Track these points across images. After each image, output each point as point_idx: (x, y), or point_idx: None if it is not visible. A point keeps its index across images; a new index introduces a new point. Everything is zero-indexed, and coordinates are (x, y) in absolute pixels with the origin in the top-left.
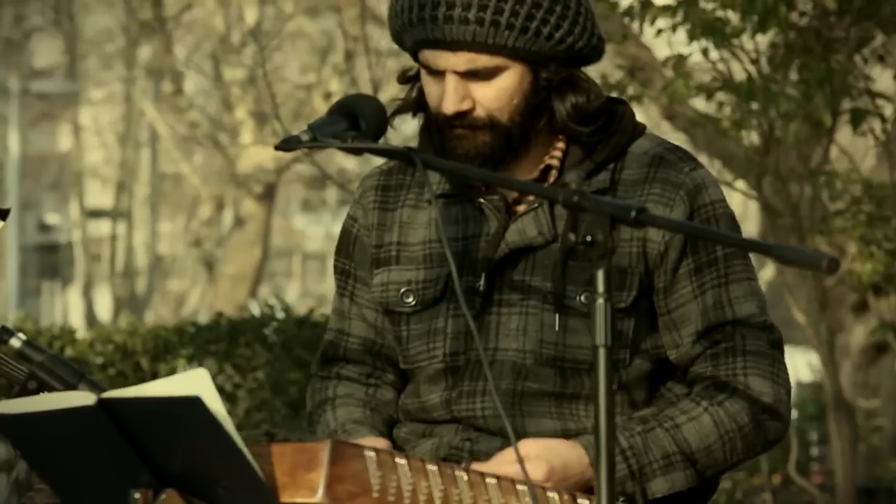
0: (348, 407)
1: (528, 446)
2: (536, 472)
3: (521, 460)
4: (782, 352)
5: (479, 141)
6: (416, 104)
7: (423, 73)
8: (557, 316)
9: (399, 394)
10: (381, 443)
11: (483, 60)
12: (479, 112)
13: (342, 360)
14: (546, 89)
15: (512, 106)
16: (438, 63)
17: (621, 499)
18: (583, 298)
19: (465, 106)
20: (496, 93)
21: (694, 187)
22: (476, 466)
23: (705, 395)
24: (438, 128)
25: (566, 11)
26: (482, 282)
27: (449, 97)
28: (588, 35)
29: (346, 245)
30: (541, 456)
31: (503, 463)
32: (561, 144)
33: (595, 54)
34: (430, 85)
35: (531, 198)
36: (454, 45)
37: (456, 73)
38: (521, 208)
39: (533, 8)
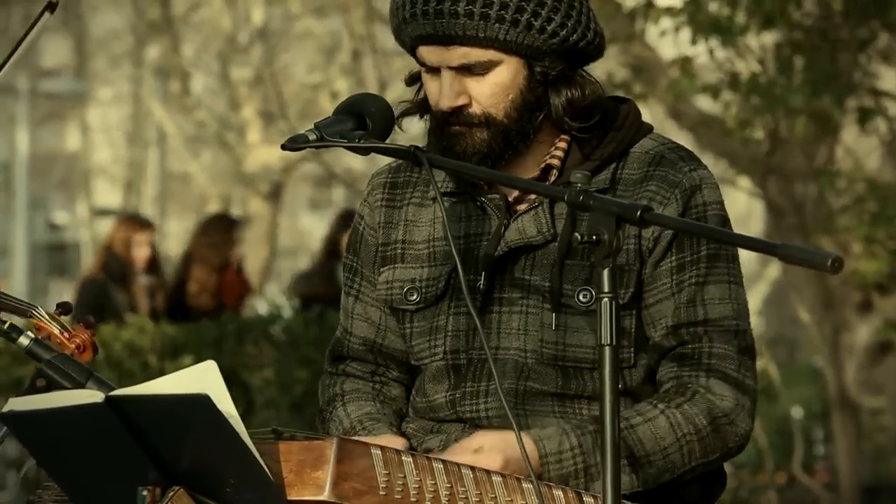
0: (359, 402)
1: (485, 438)
2: (492, 462)
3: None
4: (752, 359)
5: (476, 138)
6: (422, 105)
7: (423, 71)
8: (555, 315)
9: (405, 389)
10: (399, 441)
11: (476, 55)
12: (475, 109)
13: (347, 357)
14: (542, 84)
15: (508, 101)
16: (433, 59)
17: None
18: (581, 297)
19: (461, 102)
20: (491, 88)
21: (691, 187)
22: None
23: (664, 397)
24: (438, 126)
25: (558, 4)
26: (482, 280)
27: (444, 93)
28: (583, 29)
29: (354, 242)
30: (495, 447)
31: (459, 452)
32: (562, 144)
33: (594, 50)
34: (428, 82)
35: (532, 197)
36: (446, 40)
37: (451, 68)
38: (522, 207)
39: (523, 1)
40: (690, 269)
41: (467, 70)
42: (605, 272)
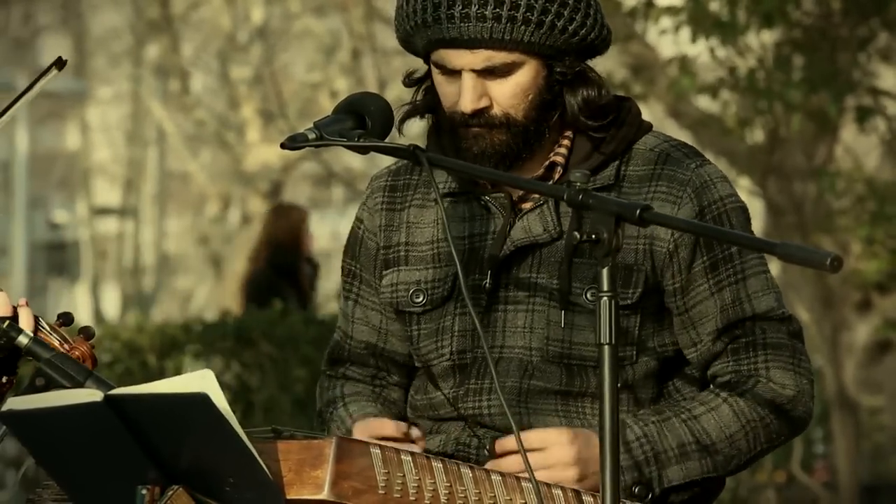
0: (360, 402)
1: (548, 435)
2: (564, 455)
3: (525, 456)
4: (802, 342)
5: (495, 139)
6: (425, 106)
7: (437, 73)
8: (563, 313)
9: (405, 393)
10: (402, 426)
11: (500, 57)
12: (496, 110)
13: (347, 361)
14: (559, 83)
15: (527, 102)
16: (455, 62)
17: (635, 488)
18: (588, 296)
19: (483, 104)
20: (513, 89)
21: (701, 184)
22: (491, 465)
23: (725, 386)
24: (452, 128)
25: (578, 3)
26: (488, 279)
27: (466, 95)
28: (599, 26)
29: (352, 246)
30: (563, 442)
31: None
32: (566, 141)
33: (604, 45)
34: (444, 85)
35: (537, 195)
36: (471, 43)
37: (473, 71)
38: (527, 205)
39: (548, 2)
40: (725, 266)
41: (489, 72)
42: (605, 271)
